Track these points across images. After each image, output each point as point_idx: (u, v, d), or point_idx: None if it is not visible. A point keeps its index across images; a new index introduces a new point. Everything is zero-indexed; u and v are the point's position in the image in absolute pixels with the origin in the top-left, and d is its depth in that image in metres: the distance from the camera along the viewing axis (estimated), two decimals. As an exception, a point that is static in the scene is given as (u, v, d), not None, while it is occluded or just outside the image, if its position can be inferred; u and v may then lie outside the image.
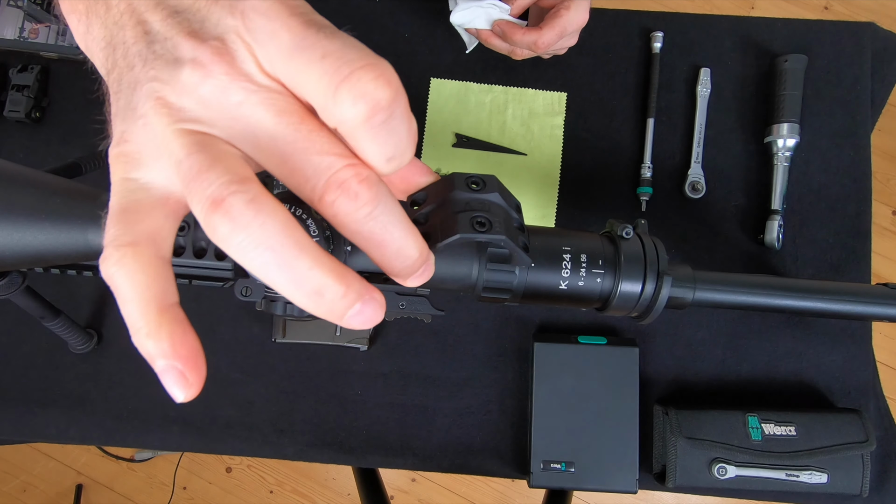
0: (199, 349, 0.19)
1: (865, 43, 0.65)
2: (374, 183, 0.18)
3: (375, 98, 0.17)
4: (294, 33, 0.18)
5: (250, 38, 0.18)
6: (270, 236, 0.17)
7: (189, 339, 0.18)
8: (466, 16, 0.58)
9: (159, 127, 0.19)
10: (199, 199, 0.17)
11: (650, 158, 0.64)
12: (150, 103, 0.19)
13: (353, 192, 0.18)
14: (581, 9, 0.54)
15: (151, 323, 0.18)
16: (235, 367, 0.62)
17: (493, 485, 1.44)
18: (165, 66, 0.19)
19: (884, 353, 1.43)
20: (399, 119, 0.18)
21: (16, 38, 0.64)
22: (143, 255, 0.18)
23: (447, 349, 0.62)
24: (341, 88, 0.17)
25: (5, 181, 0.27)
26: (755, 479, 0.55)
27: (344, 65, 0.17)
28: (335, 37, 0.18)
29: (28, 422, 0.62)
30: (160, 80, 0.19)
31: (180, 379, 0.18)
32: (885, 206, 1.45)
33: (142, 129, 0.19)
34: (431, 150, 0.66)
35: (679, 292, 0.37)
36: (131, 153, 0.20)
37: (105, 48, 0.21)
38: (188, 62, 0.18)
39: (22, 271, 0.49)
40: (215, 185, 0.17)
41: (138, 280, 0.18)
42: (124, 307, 0.18)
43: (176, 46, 0.19)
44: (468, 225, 0.24)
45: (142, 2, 0.20)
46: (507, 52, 0.60)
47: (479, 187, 0.25)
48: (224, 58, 0.18)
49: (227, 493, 1.47)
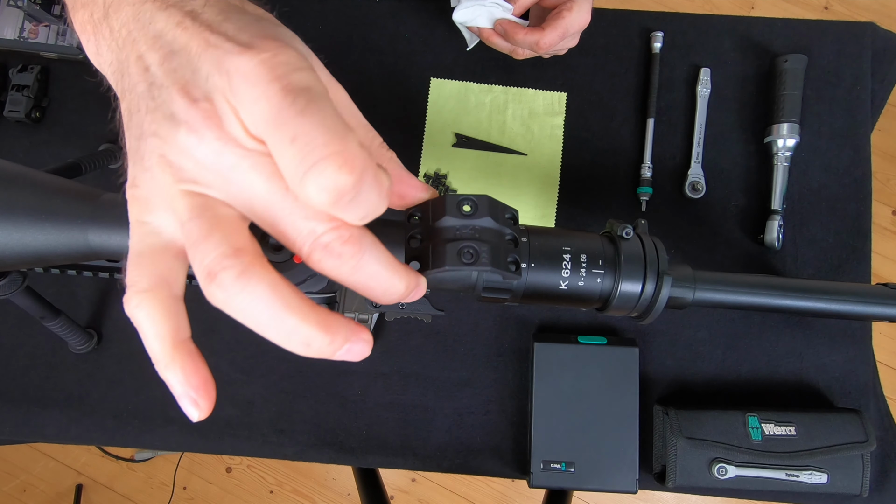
0: (208, 378, 0.21)
1: (865, 43, 0.65)
2: (356, 240, 0.20)
3: (339, 186, 0.18)
4: (272, 104, 0.18)
5: (235, 102, 0.19)
6: (259, 303, 0.19)
7: (199, 370, 0.21)
8: (469, 14, 0.58)
9: (164, 184, 0.21)
10: (197, 267, 0.20)
11: (650, 158, 0.64)
12: (155, 159, 0.21)
13: (337, 253, 0.20)
14: (583, 10, 0.54)
15: (167, 356, 0.21)
16: (235, 367, 0.62)
17: (493, 485, 1.45)
18: (164, 122, 0.20)
19: (884, 353, 1.43)
20: (367, 190, 0.19)
21: (16, 38, 0.64)
22: (157, 298, 0.21)
23: (447, 349, 0.62)
24: (307, 178, 0.18)
25: (5, 181, 0.27)
26: (755, 479, 0.55)
27: (308, 154, 0.18)
28: (308, 112, 0.18)
29: (28, 422, 0.62)
30: (160, 136, 0.20)
31: (193, 403, 0.21)
32: (885, 206, 1.45)
33: (150, 180, 0.21)
34: (431, 150, 0.66)
35: (679, 292, 0.37)
36: (142, 198, 0.22)
37: (115, 73, 0.23)
38: (183, 124, 0.20)
39: (22, 271, 0.49)
40: (210, 257, 0.19)
41: (155, 320, 0.21)
42: (146, 342, 0.21)
43: (171, 100, 0.20)
44: (456, 257, 0.25)
45: (140, 34, 0.21)
46: (508, 51, 0.60)
47: (470, 211, 0.26)
48: (213, 121, 0.20)
49: (227, 493, 1.47)
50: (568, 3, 0.54)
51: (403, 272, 0.22)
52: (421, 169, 0.66)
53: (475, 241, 0.25)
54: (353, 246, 0.20)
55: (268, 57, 0.19)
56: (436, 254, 0.25)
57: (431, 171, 0.65)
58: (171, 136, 0.20)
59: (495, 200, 0.27)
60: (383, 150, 0.26)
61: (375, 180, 0.19)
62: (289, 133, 0.18)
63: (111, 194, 0.29)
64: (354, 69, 0.67)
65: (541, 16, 0.59)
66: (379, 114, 0.67)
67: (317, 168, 0.18)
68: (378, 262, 0.21)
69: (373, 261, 0.21)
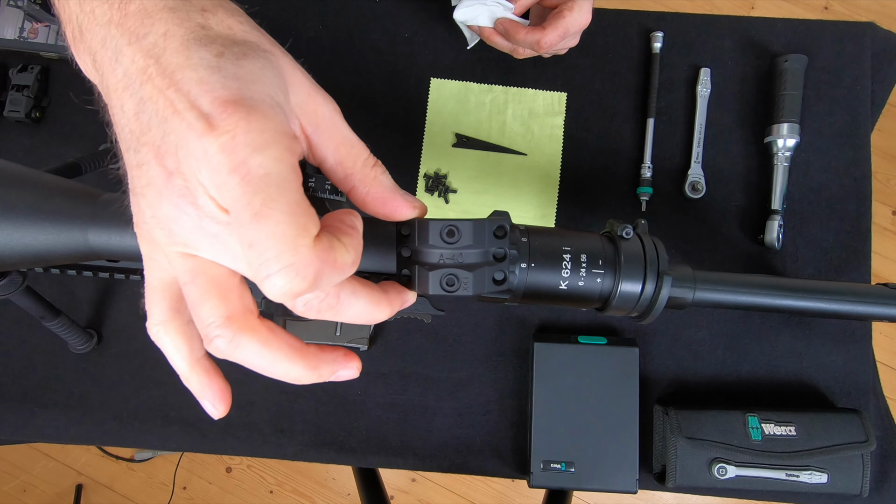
0: (223, 386, 0.26)
1: (865, 43, 0.65)
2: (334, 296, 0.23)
3: (294, 291, 0.20)
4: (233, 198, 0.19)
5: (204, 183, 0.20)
6: (251, 357, 0.23)
7: (214, 380, 0.25)
8: (470, 12, 0.58)
9: (161, 241, 0.23)
10: (198, 328, 0.22)
11: (650, 158, 0.64)
12: (149, 217, 0.22)
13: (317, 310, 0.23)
14: (584, 10, 0.54)
15: (187, 372, 0.25)
16: (235, 367, 0.62)
17: (493, 485, 1.44)
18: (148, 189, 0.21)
19: (884, 353, 1.43)
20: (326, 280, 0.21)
21: (16, 38, 0.64)
22: (172, 327, 0.25)
23: (447, 349, 0.62)
24: (264, 285, 0.20)
25: (5, 181, 0.27)
26: (755, 479, 0.55)
27: (262, 266, 0.20)
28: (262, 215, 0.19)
29: (28, 422, 0.62)
30: (148, 200, 0.22)
31: (211, 406, 0.26)
32: (885, 206, 1.45)
33: (149, 231, 0.23)
34: (431, 150, 0.66)
35: (679, 292, 0.37)
36: (148, 239, 0.24)
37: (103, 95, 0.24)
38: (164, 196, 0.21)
39: (22, 271, 0.49)
40: (205, 324, 0.22)
41: (174, 344, 0.25)
42: (171, 361, 0.25)
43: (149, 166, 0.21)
44: (438, 285, 0.27)
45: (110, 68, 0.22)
46: (508, 50, 0.60)
47: (452, 239, 0.27)
48: (189, 198, 0.21)
49: (227, 493, 1.47)
50: (569, 2, 0.54)
51: (386, 303, 0.25)
52: (421, 169, 0.66)
53: (458, 269, 0.27)
54: (331, 301, 0.23)
55: (226, 141, 0.19)
56: (420, 279, 0.27)
57: (431, 171, 0.65)
58: (156, 204, 0.21)
59: (480, 222, 0.27)
60: (368, 168, 0.26)
61: (333, 269, 0.21)
62: (246, 239, 0.20)
63: (111, 194, 0.29)
64: (354, 69, 0.67)
65: (541, 15, 0.59)
66: (379, 114, 0.67)
67: (270, 280, 0.20)
68: (360, 303, 0.24)
69: (355, 303, 0.24)
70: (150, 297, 0.25)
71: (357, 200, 0.26)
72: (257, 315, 0.23)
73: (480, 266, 0.27)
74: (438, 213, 0.65)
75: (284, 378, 0.23)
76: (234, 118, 0.19)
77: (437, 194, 0.65)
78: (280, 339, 0.23)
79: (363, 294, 0.24)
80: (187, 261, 0.22)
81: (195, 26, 0.21)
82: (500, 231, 0.28)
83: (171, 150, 0.20)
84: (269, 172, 0.19)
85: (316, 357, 0.24)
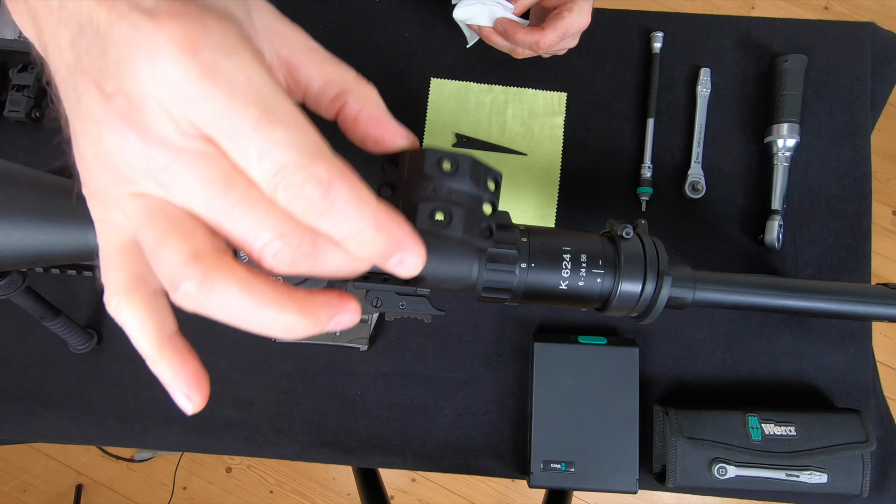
0: (199, 371, 0.21)
1: (865, 43, 0.65)
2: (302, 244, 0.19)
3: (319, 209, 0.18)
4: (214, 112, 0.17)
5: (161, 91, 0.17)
6: (230, 303, 0.18)
7: (189, 364, 0.21)
8: (469, 12, 0.58)
9: (107, 185, 0.19)
10: (161, 278, 0.18)
11: (650, 158, 0.64)
12: (90, 159, 0.19)
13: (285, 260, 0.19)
14: (583, 11, 0.54)
15: (155, 353, 0.20)
16: (235, 367, 0.62)
17: (493, 485, 1.44)
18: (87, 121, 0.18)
19: (884, 353, 1.43)
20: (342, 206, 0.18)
21: (16, 38, 0.64)
22: (136, 297, 0.20)
23: (447, 349, 0.62)
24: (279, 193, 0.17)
25: (5, 181, 0.27)
26: (755, 479, 0.55)
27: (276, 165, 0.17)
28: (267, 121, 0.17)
29: (28, 422, 0.62)
30: (88, 136, 0.19)
31: (185, 397, 0.21)
32: (885, 206, 1.45)
33: (94, 180, 0.20)
34: (431, 150, 0.66)
35: (679, 292, 0.37)
36: (94, 196, 0.20)
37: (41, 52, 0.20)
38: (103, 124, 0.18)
39: (22, 271, 0.49)
40: (167, 267, 0.18)
41: (137, 319, 0.20)
42: (133, 340, 0.20)
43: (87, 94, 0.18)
44: (427, 218, 0.23)
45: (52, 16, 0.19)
46: (507, 50, 0.60)
47: (450, 170, 0.24)
48: (132, 122, 0.17)
49: (227, 493, 1.47)
50: (568, 3, 0.54)
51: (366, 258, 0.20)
52: (421, 169, 0.66)
53: (450, 204, 0.24)
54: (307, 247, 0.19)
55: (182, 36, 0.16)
56: (406, 211, 0.23)
57: (431, 171, 0.65)
58: (96, 138, 0.18)
59: (479, 162, 0.25)
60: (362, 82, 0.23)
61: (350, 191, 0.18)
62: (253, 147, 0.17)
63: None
64: (354, 69, 0.67)
65: (541, 15, 0.59)
66: (379, 114, 0.67)
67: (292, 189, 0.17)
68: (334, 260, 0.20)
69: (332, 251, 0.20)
70: (107, 263, 0.20)
71: (347, 120, 0.23)
72: (232, 256, 0.19)
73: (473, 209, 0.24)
74: (438, 213, 0.65)
75: (273, 329, 0.19)
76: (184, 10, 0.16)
77: (437, 194, 0.65)
78: (263, 280, 0.19)
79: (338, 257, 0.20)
80: (138, 200, 0.19)
81: None
82: (493, 183, 0.26)
83: (112, 67, 0.17)
84: (251, 78, 0.17)
85: (308, 300, 0.19)
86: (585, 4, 0.54)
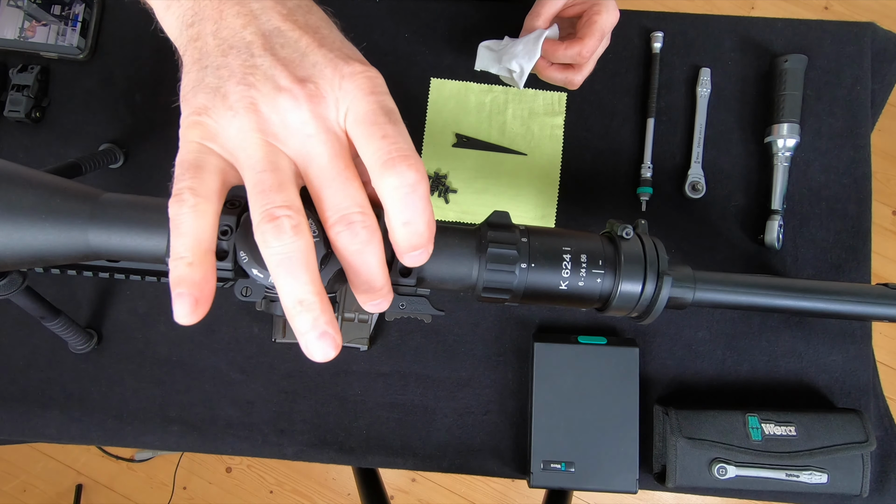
0: (214, 287, 0.24)
1: (865, 43, 0.65)
2: (372, 232, 0.25)
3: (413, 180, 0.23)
4: (371, 108, 0.24)
5: (341, 95, 0.25)
6: (294, 252, 0.23)
7: (213, 279, 0.24)
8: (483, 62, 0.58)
9: (244, 126, 0.24)
10: (260, 208, 0.23)
11: (650, 158, 0.64)
12: (244, 104, 0.24)
13: (355, 232, 0.24)
14: (612, 9, 0.54)
15: (197, 258, 0.23)
16: (235, 367, 0.62)
17: (493, 485, 1.45)
18: (265, 82, 0.24)
19: (884, 353, 1.43)
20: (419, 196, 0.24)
21: (16, 38, 0.64)
22: (209, 208, 0.24)
23: (447, 349, 0.62)
24: (386, 165, 0.23)
25: (5, 181, 0.27)
26: (755, 479, 0.55)
27: (394, 149, 0.24)
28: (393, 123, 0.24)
29: (28, 422, 0.62)
30: (258, 90, 0.24)
31: (193, 303, 0.23)
32: (885, 206, 1.45)
33: (229, 118, 0.24)
34: (431, 150, 0.66)
35: (679, 292, 0.37)
36: (211, 127, 0.25)
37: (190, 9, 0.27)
38: (286, 91, 0.24)
39: (22, 271, 0.49)
40: (276, 203, 0.23)
41: (200, 225, 0.23)
42: (177, 239, 0.23)
43: (273, 71, 0.24)
44: None
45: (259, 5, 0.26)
46: (564, 83, 0.58)
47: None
48: (315, 100, 0.24)
49: (227, 493, 1.47)
50: (594, 6, 0.54)
51: (387, 276, 0.26)
52: (421, 169, 0.66)
53: None
54: (367, 234, 0.24)
55: (373, 75, 0.25)
56: None
57: (431, 171, 0.65)
58: (270, 95, 0.24)
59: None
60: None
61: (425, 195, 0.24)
62: (380, 132, 0.24)
63: (111, 194, 0.29)
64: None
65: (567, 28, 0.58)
66: (379, 114, 0.67)
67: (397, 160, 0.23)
68: (375, 256, 0.25)
69: (372, 252, 0.25)
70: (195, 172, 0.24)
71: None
72: None
73: None
74: (439, 213, 0.65)
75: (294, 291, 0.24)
76: (367, 66, 0.25)
77: (437, 194, 0.65)
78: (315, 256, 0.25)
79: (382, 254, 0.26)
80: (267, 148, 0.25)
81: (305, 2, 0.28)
82: None
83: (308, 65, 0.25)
84: (395, 110, 0.25)
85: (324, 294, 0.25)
86: (610, 2, 0.54)
